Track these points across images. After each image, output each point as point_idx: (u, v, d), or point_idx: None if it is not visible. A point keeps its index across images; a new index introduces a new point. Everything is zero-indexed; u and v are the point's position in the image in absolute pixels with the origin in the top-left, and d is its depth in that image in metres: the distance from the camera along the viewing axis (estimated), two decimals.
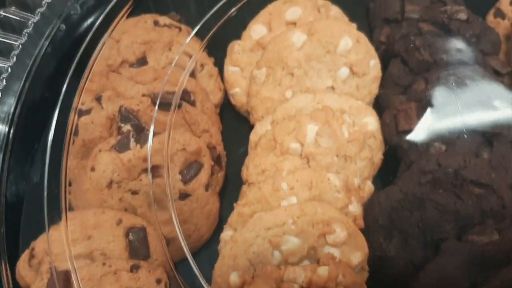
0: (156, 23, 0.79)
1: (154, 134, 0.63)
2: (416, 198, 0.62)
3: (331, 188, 0.61)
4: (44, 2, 0.67)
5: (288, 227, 0.57)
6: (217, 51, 0.78)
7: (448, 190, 0.62)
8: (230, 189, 0.72)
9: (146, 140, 0.63)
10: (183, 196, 0.64)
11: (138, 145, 0.62)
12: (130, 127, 0.65)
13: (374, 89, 0.73)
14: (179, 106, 0.65)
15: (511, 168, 0.65)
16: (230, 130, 0.77)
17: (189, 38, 0.70)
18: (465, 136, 0.65)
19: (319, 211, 0.58)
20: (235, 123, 0.78)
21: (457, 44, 0.72)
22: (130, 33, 0.74)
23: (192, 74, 0.73)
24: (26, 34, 0.65)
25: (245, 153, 0.71)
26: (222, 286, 0.58)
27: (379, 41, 0.79)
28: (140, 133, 0.64)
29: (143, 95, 0.68)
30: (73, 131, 0.62)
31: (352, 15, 0.82)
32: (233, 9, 0.77)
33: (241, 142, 0.74)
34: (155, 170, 0.62)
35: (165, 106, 0.65)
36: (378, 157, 0.70)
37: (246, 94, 0.73)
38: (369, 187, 0.66)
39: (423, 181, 0.62)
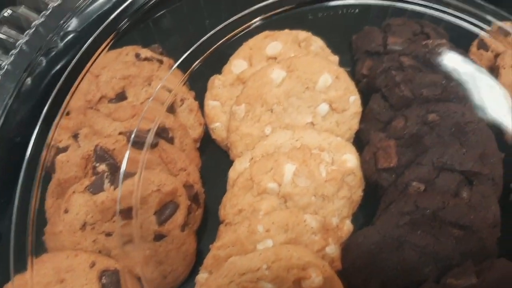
0: (137, 55, 0.79)
1: (129, 175, 0.62)
2: (394, 240, 0.61)
3: (308, 230, 0.61)
4: (18, 43, 0.67)
5: (262, 272, 0.56)
6: (198, 84, 0.78)
7: (427, 231, 0.61)
8: (210, 226, 0.71)
9: (121, 182, 0.62)
10: (158, 237, 0.63)
11: (112, 187, 0.61)
12: (105, 166, 0.64)
13: (354, 124, 0.72)
14: (155, 144, 0.65)
15: (491, 207, 0.64)
16: (212, 164, 0.76)
17: (168, 74, 0.69)
18: (445, 175, 0.64)
19: (294, 255, 0.57)
20: (216, 157, 0.77)
21: (439, 78, 0.71)
22: (110, 68, 0.73)
23: (172, 109, 0.73)
24: (0, 75, 0.65)
25: (226, 189, 0.70)
26: None
27: (361, 74, 0.79)
28: (115, 173, 0.63)
29: (120, 133, 0.67)
30: (44, 170, 0.61)
31: (336, 47, 0.81)
32: (216, 45, 0.77)
33: (222, 176, 0.73)
34: (129, 212, 0.62)
35: (140, 145, 0.65)
36: (358, 194, 0.69)
37: (226, 129, 0.73)
38: (348, 226, 0.66)
39: (401, 223, 0.61)
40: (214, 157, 0.77)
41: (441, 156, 0.64)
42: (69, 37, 0.81)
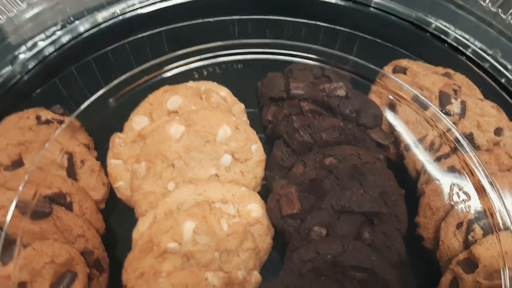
0: (38, 118, 0.77)
1: (21, 247, 0.60)
2: None
3: None
4: None
5: None
6: (103, 144, 0.77)
7: (331, 277, 0.61)
8: None
9: (12, 256, 0.59)
10: None
11: (0, 263, 0.58)
12: None
13: (259, 172, 0.72)
14: (48, 213, 0.62)
15: (394, 245, 0.65)
16: (121, 224, 0.74)
17: (57, 132, 0.68)
18: (346, 218, 0.65)
19: None
20: (127, 215, 0.75)
21: (336, 122, 0.72)
22: (5, 135, 0.71)
23: (72, 172, 0.71)
24: None
25: None
26: None
27: (266, 120, 0.80)
28: (9, 247, 0.60)
29: None
30: None
31: (242, 95, 0.82)
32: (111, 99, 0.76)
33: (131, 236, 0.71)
34: (24, 287, 0.59)
35: (31, 215, 0.62)
36: (267, 242, 0.68)
37: (130, 188, 0.71)
38: (255, 277, 0.65)
39: (303, 271, 0.61)
40: (124, 216, 0.75)
41: (339, 199, 0.65)
42: None
